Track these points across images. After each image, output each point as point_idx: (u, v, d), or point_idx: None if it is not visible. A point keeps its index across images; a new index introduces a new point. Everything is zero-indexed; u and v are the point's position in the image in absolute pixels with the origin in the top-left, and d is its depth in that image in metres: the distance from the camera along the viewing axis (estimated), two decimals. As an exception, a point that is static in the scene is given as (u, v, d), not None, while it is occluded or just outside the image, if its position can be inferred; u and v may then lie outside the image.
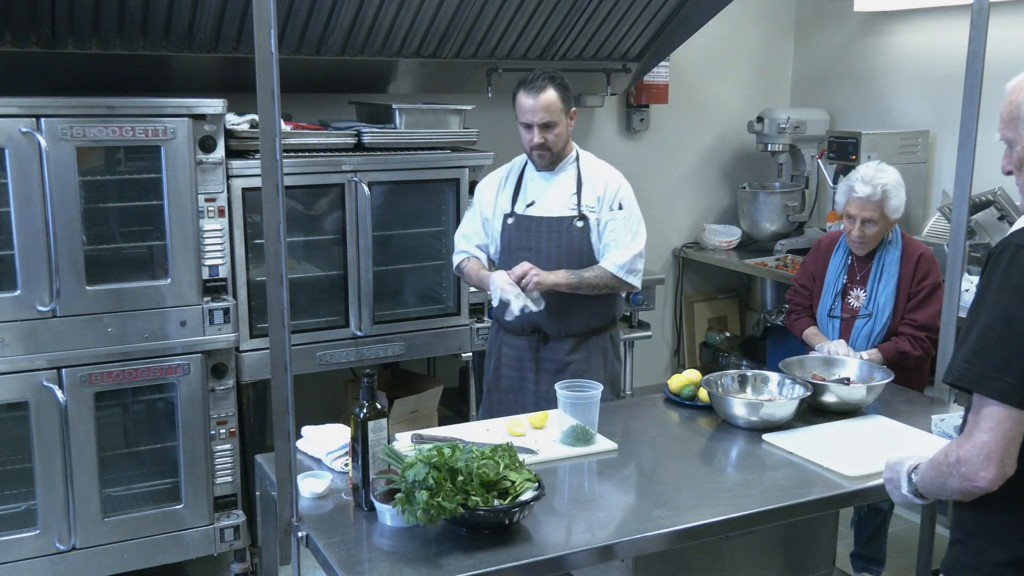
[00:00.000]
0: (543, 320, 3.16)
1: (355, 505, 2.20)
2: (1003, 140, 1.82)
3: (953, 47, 4.36)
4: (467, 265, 3.29)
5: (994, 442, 1.65)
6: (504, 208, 3.22)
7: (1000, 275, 1.68)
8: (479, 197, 3.30)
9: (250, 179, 3.43)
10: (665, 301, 5.56)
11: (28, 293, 3.11)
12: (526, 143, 3.13)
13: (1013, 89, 1.79)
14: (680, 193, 5.52)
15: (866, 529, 3.59)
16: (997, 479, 1.67)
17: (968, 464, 1.68)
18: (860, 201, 3.26)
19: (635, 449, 2.59)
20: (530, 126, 3.07)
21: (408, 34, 3.98)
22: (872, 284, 3.34)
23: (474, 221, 3.31)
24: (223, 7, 3.53)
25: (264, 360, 3.55)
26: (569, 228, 3.14)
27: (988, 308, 1.68)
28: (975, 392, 1.69)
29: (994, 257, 1.72)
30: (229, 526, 3.53)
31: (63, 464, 3.22)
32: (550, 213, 3.16)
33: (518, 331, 3.23)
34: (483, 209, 3.27)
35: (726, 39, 5.35)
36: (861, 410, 2.83)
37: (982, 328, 1.68)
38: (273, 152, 1.92)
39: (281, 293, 1.97)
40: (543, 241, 3.15)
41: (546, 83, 3.05)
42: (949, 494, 1.78)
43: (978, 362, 1.67)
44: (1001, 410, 1.65)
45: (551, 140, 3.08)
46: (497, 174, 3.31)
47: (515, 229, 3.19)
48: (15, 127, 3.02)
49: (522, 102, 3.07)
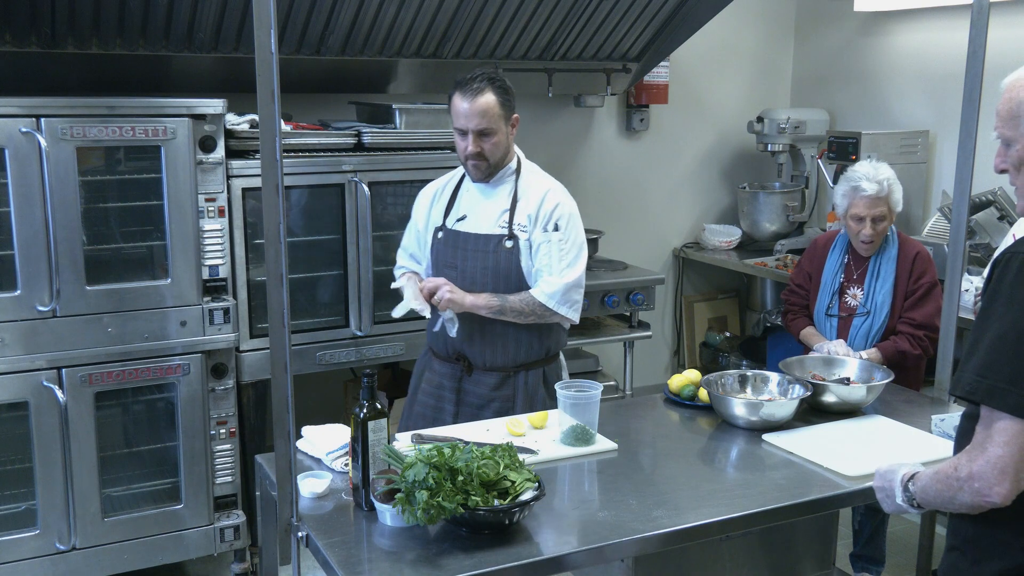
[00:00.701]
0: (467, 347, 2.93)
1: (355, 505, 2.20)
2: (1000, 138, 1.79)
3: (953, 47, 4.36)
4: (403, 279, 3.01)
5: (1008, 456, 1.63)
6: (436, 221, 2.99)
7: (1009, 286, 1.65)
8: (416, 208, 3.09)
9: (250, 179, 3.43)
10: (665, 301, 5.56)
11: (28, 293, 3.11)
12: (460, 152, 2.86)
13: (1011, 86, 1.76)
14: (680, 193, 5.52)
15: (866, 529, 3.59)
16: (1012, 493, 1.64)
17: (982, 479, 1.65)
18: (869, 199, 3.27)
19: (635, 449, 2.59)
20: (465, 133, 2.80)
21: (408, 34, 3.99)
22: (869, 282, 3.35)
23: (410, 233, 3.10)
24: (223, 7, 3.53)
25: (264, 360, 3.55)
26: (497, 248, 2.87)
27: (998, 320, 1.65)
28: (987, 405, 1.66)
29: (1001, 266, 1.68)
30: (229, 526, 3.53)
31: (63, 464, 3.22)
32: (478, 230, 2.90)
33: (443, 356, 3.00)
34: (418, 220, 3.06)
35: (726, 39, 5.35)
36: (861, 410, 2.83)
37: (993, 340, 1.65)
38: (273, 152, 1.92)
39: (281, 293, 1.97)
40: (468, 260, 2.88)
41: (484, 85, 2.78)
42: (957, 508, 1.75)
43: (990, 375, 1.64)
44: (1015, 424, 1.62)
45: (487, 149, 2.81)
46: (436, 184, 3.08)
47: (443, 245, 2.94)
48: (15, 127, 3.02)
49: (457, 106, 2.80)
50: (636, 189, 5.38)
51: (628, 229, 5.29)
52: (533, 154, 5.01)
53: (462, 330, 2.91)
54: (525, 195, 2.91)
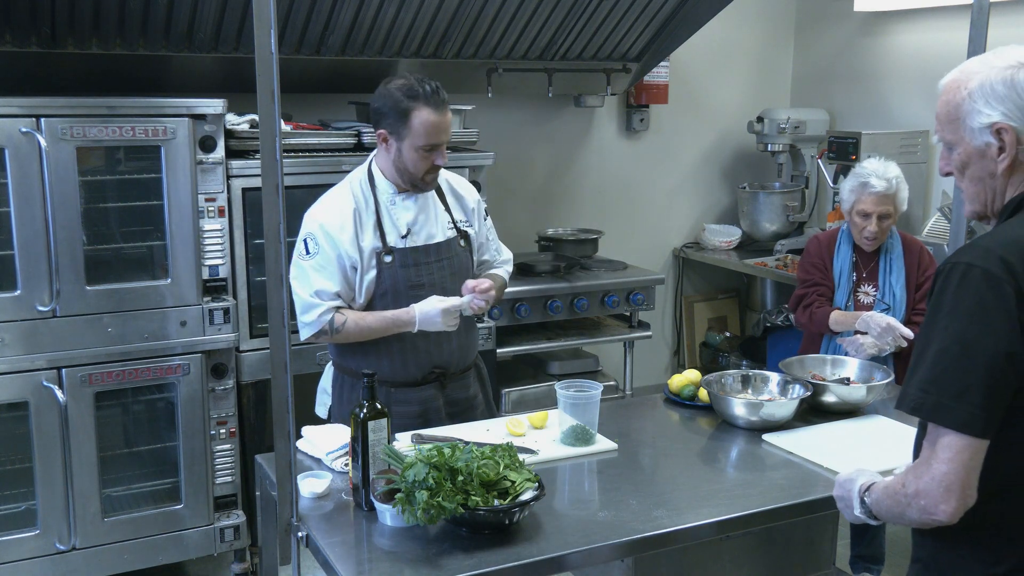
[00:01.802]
0: (447, 355, 2.77)
1: (355, 505, 2.20)
2: (941, 142, 1.75)
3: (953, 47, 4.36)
4: (348, 320, 2.63)
5: (953, 473, 1.57)
6: (374, 245, 2.66)
7: (952, 296, 1.59)
8: (330, 238, 2.62)
9: (250, 179, 3.43)
10: (665, 301, 5.56)
11: (28, 293, 3.11)
12: (421, 168, 2.62)
13: (947, 87, 1.72)
14: (680, 193, 5.52)
15: (867, 530, 3.59)
16: (958, 511, 1.59)
17: (927, 497, 1.60)
18: (877, 196, 3.31)
19: (635, 449, 2.59)
20: (434, 148, 2.60)
21: (408, 34, 3.98)
22: (884, 277, 3.41)
23: (328, 268, 2.63)
24: (223, 7, 3.53)
25: (264, 360, 3.55)
26: (455, 251, 2.77)
27: (941, 332, 1.59)
28: (931, 422, 1.61)
29: (943, 276, 1.63)
30: (229, 526, 3.53)
31: (63, 464, 3.22)
32: (432, 239, 2.72)
33: (415, 381, 2.74)
34: (344, 252, 2.62)
35: (726, 39, 5.35)
36: (861, 410, 2.83)
37: (936, 354, 1.59)
38: (273, 152, 1.93)
39: (281, 293, 1.98)
40: (435, 272, 2.71)
41: (444, 94, 2.62)
42: (908, 523, 1.70)
43: (934, 391, 1.58)
44: (959, 440, 1.57)
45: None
46: (341, 206, 2.67)
47: (399, 268, 2.67)
48: (15, 127, 3.02)
49: (429, 119, 2.57)
50: (636, 189, 5.38)
51: (628, 229, 5.29)
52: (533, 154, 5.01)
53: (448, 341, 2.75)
54: (453, 192, 2.84)
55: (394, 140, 2.63)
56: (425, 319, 2.64)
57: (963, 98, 1.68)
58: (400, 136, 2.61)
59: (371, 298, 2.69)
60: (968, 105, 1.67)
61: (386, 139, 2.65)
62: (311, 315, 2.64)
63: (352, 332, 2.65)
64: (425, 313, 2.64)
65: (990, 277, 1.57)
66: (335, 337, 2.66)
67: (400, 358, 2.72)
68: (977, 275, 1.58)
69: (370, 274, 2.67)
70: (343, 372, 2.81)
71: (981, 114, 1.66)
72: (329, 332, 2.65)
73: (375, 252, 2.66)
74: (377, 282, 2.67)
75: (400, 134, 2.61)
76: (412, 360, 2.73)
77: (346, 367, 2.78)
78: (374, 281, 2.67)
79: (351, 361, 2.75)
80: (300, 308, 2.65)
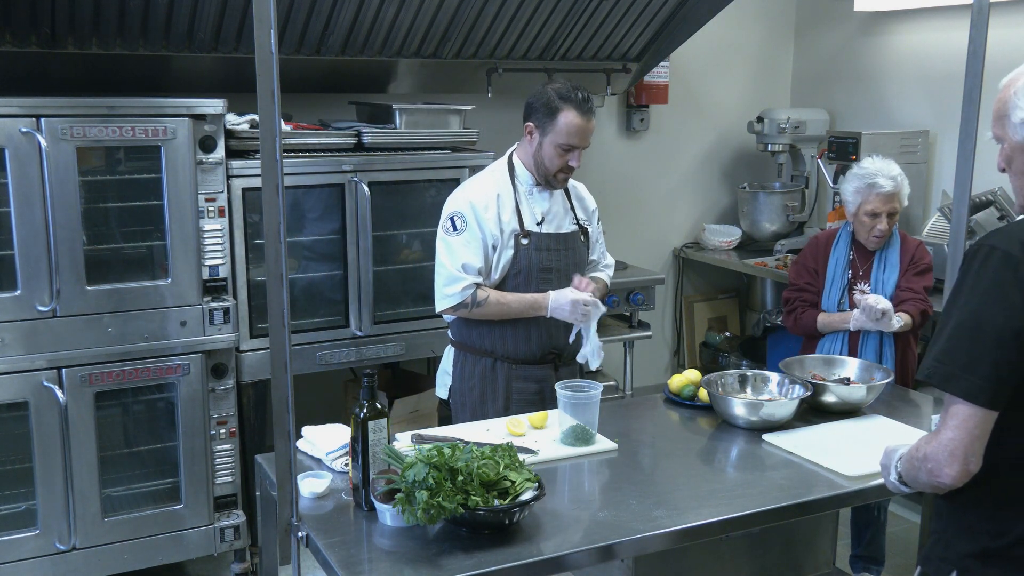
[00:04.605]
0: (563, 339, 2.99)
1: (355, 505, 2.20)
2: (994, 137, 1.85)
3: (953, 47, 4.36)
4: (490, 296, 2.87)
5: (958, 440, 1.68)
6: (513, 227, 2.91)
7: (973, 276, 1.71)
8: (477, 216, 2.87)
9: (250, 179, 3.43)
10: (665, 301, 5.56)
11: (28, 293, 3.11)
12: (556, 165, 2.87)
13: (1004, 86, 1.80)
14: (680, 193, 5.52)
15: (868, 530, 3.60)
16: (961, 476, 1.69)
17: (934, 460, 1.72)
18: (885, 195, 3.35)
19: (635, 449, 2.59)
20: (571, 149, 2.85)
21: (408, 34, 3.98)
22: (876, 275, 3.43)
23: (473, 244, 2.86)
24: (223, 7, 3.53)
25: (264, 360, 3.55)
26: (578, 244, 3.03)
27: (960, 308, 1.71)
28: (943, 390, 1.72)
29: (969, 257, 1.74)
30: (229, 526, 3.53)
31: (63, 464, 3.22)
32: (561, 229, 2.99)
33: (536, 359, 2.98)
34: (488, 231, 2.87)
35: (726, 39, 5.35)
36: (861, 410, 2.83)
37: (953, 327, 1.71)
38: (273, 152, 1.93)
39: (281, 293, 1.98)
40: (562, 260, 2.96)
41: (593, 104, 2.87)
42: (921, 487, 1.82)
43: (947, 361, 1.70)
44: (967, 408, 1.67)
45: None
46: (487, 189, 2.93)
47: (535, 249, 2.91)
48: (15, 127, 3.02)
49: (574, 122, 2.81)
50: (636, 189, 5.38)
51: (628, 229, 5.29)
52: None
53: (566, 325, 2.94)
54: (576, 194, 3.10)
55: (538, 134, 2.88)
56: (556, 306, 2.87)
57: (1010, 95, 1.77)
58: (544, 131, 2.86)
59: (504, 277, 2.93)
60: (1013, 101, 1.76)
61: (532, 132, 2.89)
62: (455, 287, 2.87)
63: (491, 308, 2.88)
64: (557, 301, 2.87)
65: (1009, 258, 1.67)
66: (473, 311, 2.89)
67: (524, 335, 2.94)
68: (998, 256, 1.68)
69: (507, 253, 2.90)
70: (465, 350, 3.02)
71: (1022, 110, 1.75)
72: (470, 305, 2.87)
73: (514, 233, 2.90)
74: (513, 262, 2.91)
75: (545, 129, 2.86)
76: (535, 339, 2.95)
77: (469, 345, 3.00)
78: (510, 261, 2.91)
79: (476, 339, 2.98)
80: (444, 280, 2.89)
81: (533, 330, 2.95)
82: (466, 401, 3.02)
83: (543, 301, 2.88)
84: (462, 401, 3.03)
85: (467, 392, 3.02)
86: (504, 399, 2.98)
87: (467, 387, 3.01)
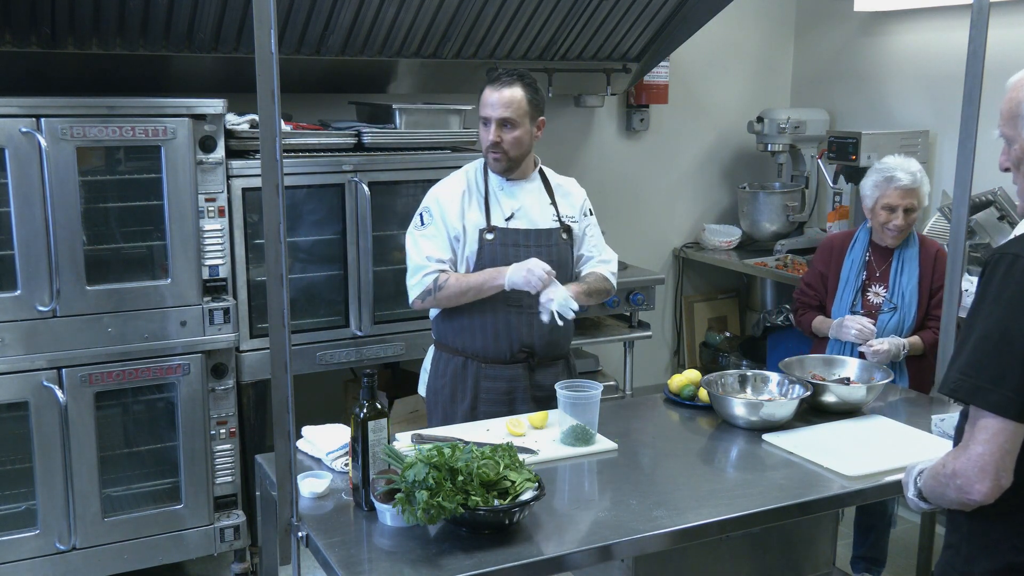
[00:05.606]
0: (536, 337, 2.93)
1: (355, 505, 2.20)
2: (1002, 137, 1.81)
3: (953, 47, 4.36)
4: (451, 278, 2.88)
5: (989, 455, 1.63)
6: (478, 222, 2.90)
7: (996, 286, 1.66)
8: (442, 212, 2.91)
9: (250, 179, 3.43)
10: (665, 301, 5.56)
11: (28, 293, 3.11)
12: (483, 141, 2.89)
13: (1015, 85, 1.77)
14: (680, 193, 5.52)
15: (873, 531, 3.59)
16: (993, 492, 1.65)
17: (963, 477, 1.67)
18: (903, 190, 3.34)
19: (635, 449, 2.59)
20: (488, 121, 2.85)
21: (408, 34, 3.98)
22: (894, 278, 3.42)
23: (438, 238, 2.90)
24: (223, 7, 3.53)
25: (264, 360, 3.55)
26: (556, 241, 2.95)
27: (984, 319, 1.67)
28: (971, 404, 1.67)
29: (991, 266, 1.70)
30: (229, 526, 3.53)
31: (63, 464, 3.22)
32: (535, 225, 2.93)
33: (505, 359, 2.93)
34: (450, 225, 2.90)
35: (726, 39, 5.35)
36: (861, 410, 2.83)
37: (978, 339, 1.67)
38: (273, 152, 1.93)
39: (281, 293, 1.98)
40: (533, 256, 2.87)
41: (514, 79, 2.85)
42: (948, 504, 1.77)
43: (974, 374, 1.65)
44: (996, 422, 1.63)
45: (507, 141, 2.84)
46: (453, 186, 2.96)
47: (499, 245, 2.88)
48: (15, 127, 3.02)
49: (485, 95, 2.86)
50: (636, 189, 5.38)
51: (628, 229, 5.29)
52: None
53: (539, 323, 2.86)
54: (560, 189, 3.04)
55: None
56: (513, 272, 2.81)
57: (1022, 96, 1.73)
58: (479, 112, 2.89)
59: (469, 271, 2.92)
60: None
61: None
62: (418, 277, 2.91)
63: (453, 288, 2.86)
64: (515, 269, 2.81)
65: None
66: (438, 296, 2.89)
67: (492, 333, 2.91)
68: (1022, 265, 1.64)
69: (472, 248, 2.89)
70: (440, 348, 3.04)
71: None
72: (433, 290, 2.88)
73: (479, 229, 2.89)
74: (477, 257, 2.89)
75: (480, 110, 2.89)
76: (504, 336, 2.92)
77: (444, 343, 3.02)
78: (475, 255, 2.89)
79: (449, 336, 2.99)
80: (411, 271, 2.94)
81: (502, 328, 2.91)
82: (438, 399, 3.01)
83: (504, 271, 2.83)
84: (435, 399, 3.03)
85: (440, 390, 3.02)
86: (472, 398, 2.95)
87: (439, 385, 3.02)
